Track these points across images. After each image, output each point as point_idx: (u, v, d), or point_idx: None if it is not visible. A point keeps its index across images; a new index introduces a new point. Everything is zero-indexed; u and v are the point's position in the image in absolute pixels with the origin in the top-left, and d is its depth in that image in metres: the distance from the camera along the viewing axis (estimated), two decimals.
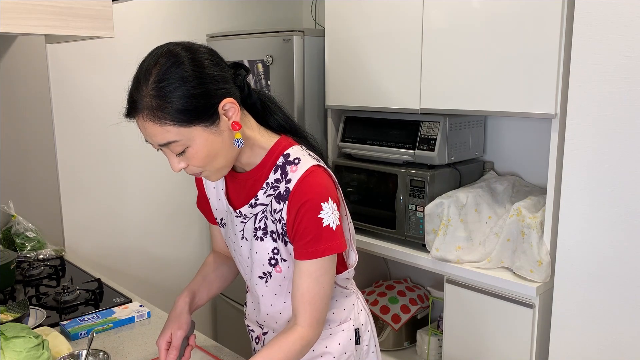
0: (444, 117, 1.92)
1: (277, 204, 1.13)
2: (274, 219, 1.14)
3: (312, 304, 1.13)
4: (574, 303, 1.60)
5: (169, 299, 2.64)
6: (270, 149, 1.15)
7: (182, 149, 1.03)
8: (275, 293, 1.22)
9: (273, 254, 1.17)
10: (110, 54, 2.32)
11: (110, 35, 1.39)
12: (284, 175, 1.12)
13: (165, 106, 0.99)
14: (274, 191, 1.14)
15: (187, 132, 1.01)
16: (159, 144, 1.04)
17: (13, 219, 2.11)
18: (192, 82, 1.01)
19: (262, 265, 1.19)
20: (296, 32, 2.18)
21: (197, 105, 1.01)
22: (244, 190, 1.19)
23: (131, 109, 1.03)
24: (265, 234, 1.16)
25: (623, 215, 1.48)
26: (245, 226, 1.19)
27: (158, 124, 1.00)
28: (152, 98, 0.99)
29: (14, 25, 1.24)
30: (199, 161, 1.05)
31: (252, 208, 1.17)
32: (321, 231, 1.09)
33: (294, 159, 1.13)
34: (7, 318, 1.47)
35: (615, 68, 1.45)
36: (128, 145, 2.44)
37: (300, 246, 1.11)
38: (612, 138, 1.48)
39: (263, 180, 1.15)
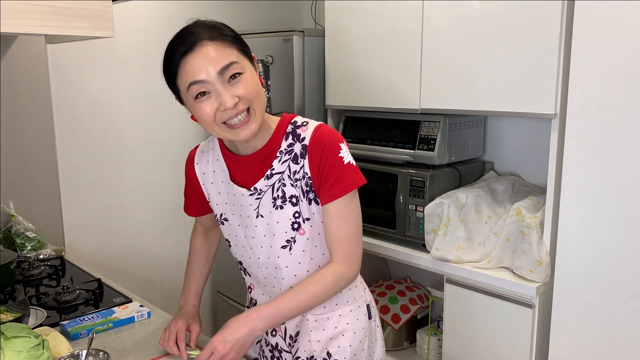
0: (444, 117, 1.92)
1: (296, 164, 1.21)
2: (294, 181, 1.21)
3: (343, 240, 1.21)
4: (574, 303, 1.60)
5: (169, 299, 2.64)
6: (279, 123, 1.25)
7: (239, 71, 1.12)
8: (299, 262, 1.27)
9: (295, 218, 1.23)
10: (110, 54, 2.32)
11: (110, 35, 1.39)
12: (297, 137, 1.22)
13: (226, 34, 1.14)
14: (289, 155, 1.22)
15: (242, 58, 1.14)
16: (222, 67, 1.10)
17: (13, 219, 2.11)
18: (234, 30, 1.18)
19: (285, 233, 1.24)
20: (296, 32, 2.18)
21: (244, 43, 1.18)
22: (253, 168, 1.25)
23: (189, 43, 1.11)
24: (284, 202, 1.23)
25: (623, 215, 1.48)
26: (261, 202, 1.24)
27: (223, 45, 1.11)
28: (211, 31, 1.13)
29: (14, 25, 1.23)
30: (251, 87, 1.13)
31: (268, 180, 1.23)
32: (343, 169, 1.19)
33: (302, 122, 1.24)
34: (7, 318, 1.47)
35: (615, 68, 1.45)
36: (128, 145, 2.44)
37: (326, 189, 1.19)
38: (612, 138, 1.48)
39: (276, 150, 1.23)
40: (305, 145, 1.20)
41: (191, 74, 1.11)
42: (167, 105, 2.54)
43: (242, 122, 1.14)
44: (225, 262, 2.72)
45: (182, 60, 1.11)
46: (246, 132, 1.16)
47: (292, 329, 1.34)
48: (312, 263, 1.28)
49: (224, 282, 2.75)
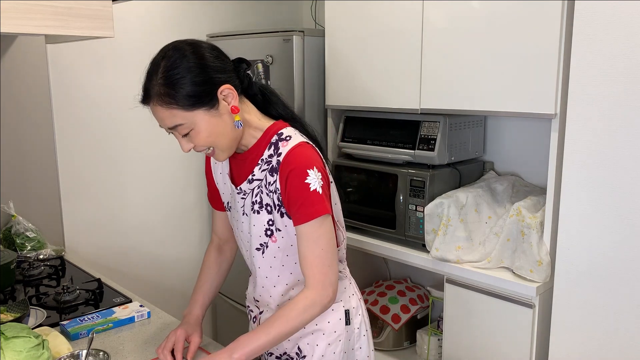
0: (444, 117, 1.92)
1: (271, 176, 1.26)
2: (269, 191, 1.26)
3: (314, 265, 1.23)
4: (574, 303, 1.60)
5: (169, 299, 2.65)
6: (266, 130, 1.29)
7: (187, 131, 1.19)
8: (270, 265, 1.33)
9: (268, 225, 1.28)
10: (110, 54, 2.32)
11: (110, 35, 1.39)
12: (276, 150, 1.26)
13: (172, 93, 1.15)
14: (267, 165, 1.27)
15: (190, 116, 1.17)
16: (168, 127, 1.20)
17: (13, 219, 2.10)
18: (195, 71, 1.17)
19: (260, 237, 1.30)
20: (296, 32, 2.18)
21: (199, 91, 1.16)
22: (243, 168, 1.32)
23: (145, 97, 1.20)
24: (260, 208, 1.28)
25: (623, 215, 1.48)
26: (245, 202, 1.32)
27: (166, 109, 1.17)
28: (161, 86, 1.16)
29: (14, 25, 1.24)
30: (203, 141, 1.20)
31: (250, 184, 1.30)
32: (309, 195, 1.20)
33: (286, 137, 1.27)
34: (7, 318, 1.47)
35: (615, 68, 1.45)
36: (128, 145, 2.44)
37: (294, 212, 1.22)
38: (612, 138, 1.48)
39: (259, 157, 1.28)
40: (279, 161, 1.24)
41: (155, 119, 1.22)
42: None
43: (209, 153, 1.26)
44: None
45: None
46: (218, 159, 1.28)
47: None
48: (284, 270, 1.33)
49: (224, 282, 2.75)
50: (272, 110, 1.34)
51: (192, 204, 2.71)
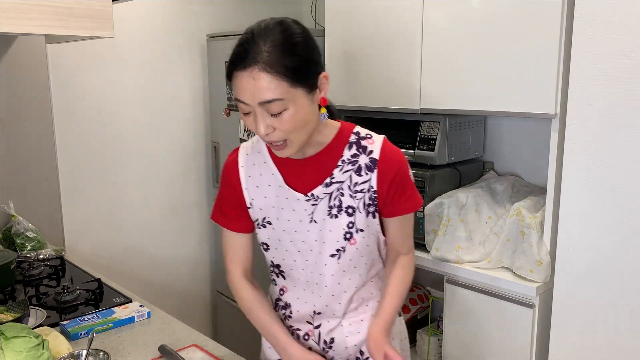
0: (444, 117, 1.92)
1: (359, 176, 1.20)
2: (354, 192, 1.20)
3: (409, 239, 1.32)
4: (574, 303, 1.60)
5: (169, 299, 2.65)
6: (340, 130, 1.23)
7: (280, 109, 1.05)
8: (344, 270, 1.26)
9: (348, 228, 1.22)
10: (110, 54, 2.32)
11: (110, 35, 1.39)
12: (362, 149, 1.21)
13: (282, 62, 1.03)
14: (352, 166, 1.20)
15: (292, 93, 1.05)
16: (263, 100, 1.04)
17: (13, 219, 2.10)
18: (307, 46, 1.08)
19: (337, 242, 1.23)
20: None
21: (308, 68, 1.08)
22: (311, 173, 1.21)
23: (244, 60, 1.04)
24: (339, 211, 1.21)
25: (623, 215, 1.48)
26: (317, 208, 1.22)
27: (273, 77, 1.02)
28: (270, 53, 1.03)
29: (14, 25, 1.23)
30: (291, 125, 1.07)
31: (327, 187, 1.21)
32: (412, 186, 1.26)
33: (366, 135, 1.23)
34: (7, 318, 1.47)
35: (615, 68, 1.45)
36: (128, 145, 2.44)
37: (402, 202, 1.23)
38: (611, 138, 1.48)
39: (337, 158, 1.21)
40: (375, 159, 1.20)
41: (238, 90, 1.07)
42: (167, 105, 2.54)
43: (277, 146, 1.13)
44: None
45: (234, 73, 1.07)
46: (282, 154, 1.15)
47: (326, 334, 1.32)
48: (354, 272, 1.28)
49: (224, 282, 2.75)
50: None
51: (192, 204, 2.71)
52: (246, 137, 2.44)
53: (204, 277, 2.83)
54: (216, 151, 2.64)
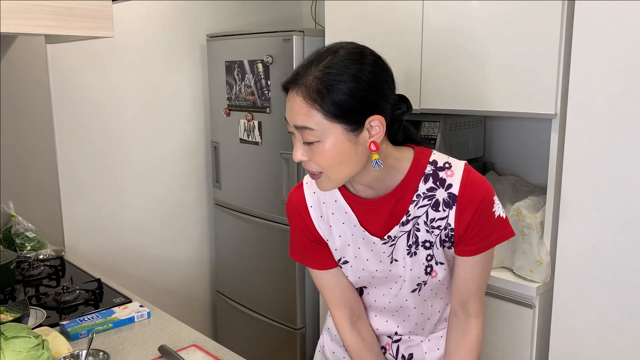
0: (444, 117, 1.92)
1: (436, 212, 1.10)
2: (432, 228, 1.11)
3: (481, 290, 1.16)
4: (574, 303, 1.60)
5: (169, 299, 2.65)
6: (414, 160, 1.12)
7: (313, 139, 1.00)
8: (425, 299, 1.20)
9: (427, 261, 1.14)
10: (110, 54, 2.32)
11: (110, 35, 1.39)
12: (440, 182, 1.10)
13: (323, 92, 0.97)
14: (429, 201, 1.10)
15: (326, 126, 0.99)
16: (296, 125, 1.01)
17: (13, 219, 2.10)
18: (360, 84, 0.99)
19: (418, 278, 1.16)
20: (296, 32, 2.18)
21: (351, 106, 0.98)
22: (383, 214, 1.13)
23: (291, 81, 1.01)
24: (417, 247, 1.13)
25: (623, 215, 1.48)
26: (396, 247, 1.14)
27: (306, 105, 0.98)
28: (315, 79, 0.98)
29: (14, 25, 1.23)
30: (323, 160, 1.01)
31: (403, 226, 1.12)
32: (494, 223, 1.10)
33: (444, 164, 1.12)
34: (7, 318, 1.47)
35: (615, 68, 1.45)
36: (128, 146, 2.44)
37: (474, 242, 1.10)
38: (612, 138, 1.48)
39: (412, 193, 1.10)
40: (454, 195, 1.08)
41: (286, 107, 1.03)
42: (167, 105, 2.54)
43: (314, 175, 1.05)
44: (225, 262, 2.72)
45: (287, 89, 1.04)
46: (319, 187, 1.07)
47: (406, 349, 1.27)
48: (436, 299, 1.23)
49: (224, 282, 2.75)
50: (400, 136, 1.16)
51: (192, 204, 2.71)
52: (246, 137, 2.45)
53: (204, 277, 2.83)
54: (216, 151, 2.64)
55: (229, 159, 2.58)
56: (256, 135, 2.40)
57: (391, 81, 1.05)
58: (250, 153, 2.45)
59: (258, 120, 2.37)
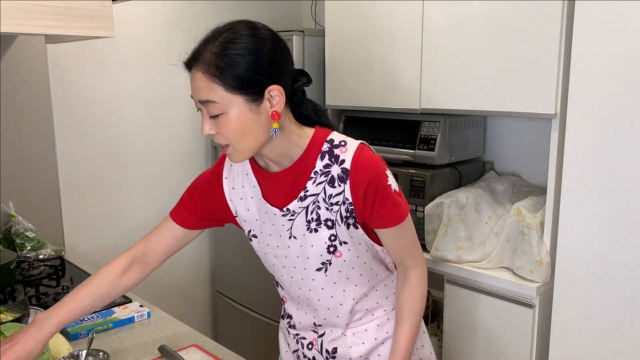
0: (444, 117, 1.92)
1: (332, 187, 1.13)
2: (331, 204, 1.14)
3: (409, 250, 1.22)
4: (574, 303, 1.60)
5: (169, 299, 2.64)
6: (312, 139, 1.16)
7: (217, 112, 1.05)
8: (334, 282, 1.22)
9: (330, 241, 1.17)
10: (110, 54, 2.32)
11: (110, 35, 1.39)
12: (335, 158, 1.14)
13: (221, 67, 1.02)
14: (325, 177, 1.14)
15: (228, 98, 1.03)
16: (200, 99, 1.06)
17: (13, 219, 2.10)
18: (256, 56, 1.04)
19: (320, 256, 1.18)
20: (296, 32, 2.18)
21: (249, 78, 1.03)
22: (284, 187, 1.18)
23: (192, 59, 1.06)
24: (319, 225, 1.16)
25: (623, 215, 1.48)
26: (294, 223, 1.18)
27: (207, 80, 1.03)
28: (213, 55, 1.03)
29: (14, 25, 1.23)
30: (228, 131, 1.06)
31: (302, 201, 1.16)
32: (394, 197, 1.14)
33: (340, 142, 1.16)
34: (7, 318, 1.47)
35: (615, 68, 1.45)
36: (128, 145, 2.44)
37: (382, 215, 1.14)
38: (612, 138, 1.48)
39: (310, 170, 1.15)
40: (346, 169, 1.12)
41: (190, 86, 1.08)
42: (167, 105, 2.54)
43: (223, 148, 1.10)
44: (225, 262, 2.72)
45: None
46: (231, 159, 1.12)
47: (329, 343, 1.29)
48: (349, 284, 1.24)
49: (224, 282, 2.75)
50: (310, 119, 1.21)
51: None
52: None
53: (204, 277, 2.83)
54: (216, 151, 2.63)
55: None
56: None
57: (287, 54, 1.11)
58: None
59: None
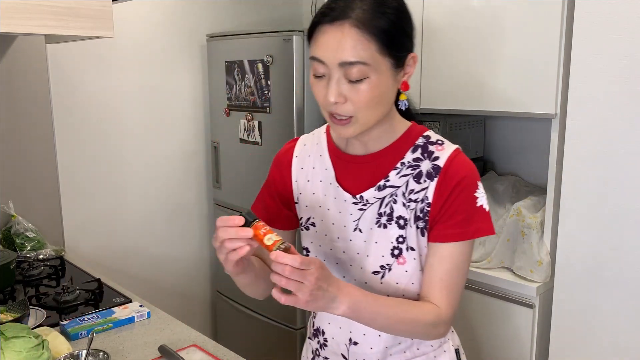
0: (443, 117, 1.92)
1: (417, 183, 1.03)
2: (409, 201, 1.04)
3: (450, 291, 1.03)
4: (574, 303, 1.60)
5: (169, 299, 2.65)
6: (408, 129, 1.08)
7: (360, 76, 0.93)
8: (387, 293, 1.07)
9: (397, 242, 1.05)
10: (110, 54, 2.32)
11: (110, 35, 1.39)
12: (428, 154, 1.05)
13: (376, 24, 0.92)
14: (412, 170, 1.05)
15: (378, 60, 0.94)
16: (344, 60, 0.93)
17: (13, 219, 2.10)
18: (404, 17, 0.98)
19: (382, 257, 1.06)
20: (296, 32, 2.18)
21: (400, 40, 0.96)
22: (363, 172, 1.08)
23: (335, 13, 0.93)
24: (389, 220, 1.05)
25: (623, 215, 1.48)
26: (364, 214, 1.07)
27: (363, 36, 0.92)
28: (368, 12, 0.93)
29: (14, 25, 1.23)
30: (364, 100, 0.95)
31: (379, 191, 1.05)
32: (475, 211, 1.02)
33: (437, 140, 1.08)
34: (7, 318, 1.47)
35: (615, 68, 1.45)
36: (128, 145, 2.44)
37: (447, 226, 1.01)
38: (611, 138, 1.48)
39: (397, 160, 1.06)
40: (438, 166, 1.03)
41: (318, 47, 0.95)
42: (167, 105, 2.54)
43: (342, 121, 0.98)
44: None
45: (318, 27, 0.96)
46: (342, 132, 1.00)
47: None
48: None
49: (224, 282, 2.75)
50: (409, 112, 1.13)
51: (192, 203, 2.71)
52: (246, 136, 2.45)
53: (204, 277, 2.83)
54: (216, 151, 2.64)
55: (229, 159, 2.58)
56: (256, 135, 2.40)
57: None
58: (250, 153, 2.45)
59: (258, 120, 2.37)
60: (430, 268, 1.04)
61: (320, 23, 0.95)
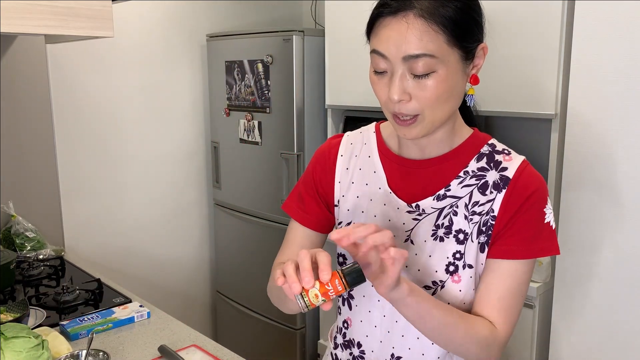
0: None
1: (482, 194, 0.95)
2: (471, 213, 0.95)
3: (509, 312, 0.94)
4: (574, 303, 1.60)
5: (169, 299, 2.65)
6: (472, 136, 1.00)
7: (427, 70, 0.86)
8: None
9: (454, 258, 0.96)
10: (110, 54, 2.32)
11: (110, 35, 1.39)
12: (495, 164, 0.97)
13: (444, 12, 0.85)
14: (476, 181, 0.96)
15: (446, 52, 0.86)
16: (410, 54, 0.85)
17: (13, 219, 2.10)
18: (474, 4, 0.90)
19: (435, 273, 0.96)
20: (296, 32, 2.18)
21: (469, 29, 0.88)
22: (420, 179, 0.99)
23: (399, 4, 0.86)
24: (447, 234, 0.96)
25: (622, 215, 1.48)
26: (419, 225, 0.98)
27: (430, 27, 0.84)
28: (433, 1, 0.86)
29: (14, 25, 1.23)
30: (432, 96, 0.87)
31: (438, 201, 0.97)
32: (542, 228, 0.95)
33: (503, 149, 1.00)
34: (7, 318, 1.47)
35: (615, 68, 1.45)
36: (128, 145, 2.44)
37: (513, 242, 0.93)
38: (612, 138, 1.48)
39: (460, 168, 0.98)
40: (507, 177, 0.95)
41: (379, 40, 0.89)
42: (167, 105, 2.54)
43: (406, 121, 0.90)
44: (225, 262, 2.72)
45: (379, 20, 0.89)
46: (407, 133, 0.92)
47: None
48: None
49: (224, 282, 2.75)
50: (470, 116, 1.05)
51: (192, 203, 2.71)
52: (246, 136, 2.45)
53: (204, 277, 2.83)
54: (216, 151, 2.64)
55: (228, 159, 2.58)
56: (256, 135, 2.40)
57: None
58: (250, 153, 2.45)
59: (258, 120, 2.37)
60: (488, 286, 0.95)
61: (382, 15, 0.88)
